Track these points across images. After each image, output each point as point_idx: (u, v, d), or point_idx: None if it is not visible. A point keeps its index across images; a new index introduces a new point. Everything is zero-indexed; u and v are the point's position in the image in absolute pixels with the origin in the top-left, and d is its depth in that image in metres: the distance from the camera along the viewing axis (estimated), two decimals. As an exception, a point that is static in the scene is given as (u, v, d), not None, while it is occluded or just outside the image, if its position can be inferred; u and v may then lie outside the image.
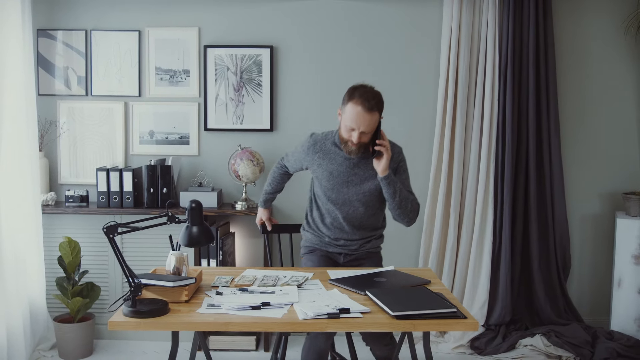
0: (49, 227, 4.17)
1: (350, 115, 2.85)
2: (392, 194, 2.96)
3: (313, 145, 3.08)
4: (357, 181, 3.02)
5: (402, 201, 2.98)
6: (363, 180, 3.02)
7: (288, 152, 3.31)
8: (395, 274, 2.92)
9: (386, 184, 2.94)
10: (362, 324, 2.30)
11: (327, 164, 3.03)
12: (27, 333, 3.85)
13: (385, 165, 2.90)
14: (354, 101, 2.85)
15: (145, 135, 4.39)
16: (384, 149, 2.90)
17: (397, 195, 2.96)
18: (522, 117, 4.30)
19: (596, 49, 4.39)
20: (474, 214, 4.31)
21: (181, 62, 4.34)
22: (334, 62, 4.37)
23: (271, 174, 3.41)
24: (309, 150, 3.08)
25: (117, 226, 2.40)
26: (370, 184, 3.02)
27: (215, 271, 3.03)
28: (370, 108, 2.84)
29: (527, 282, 4.40)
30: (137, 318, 2.31)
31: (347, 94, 2.92)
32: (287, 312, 2.37)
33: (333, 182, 3.03)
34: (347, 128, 2.88)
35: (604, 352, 3.90)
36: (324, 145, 3.07)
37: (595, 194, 4.48)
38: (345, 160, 3.01)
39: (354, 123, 2.85)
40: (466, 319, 2.31)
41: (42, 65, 4.34)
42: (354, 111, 2.83)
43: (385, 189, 2.96)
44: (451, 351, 4.10)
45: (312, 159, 3.07)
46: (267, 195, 3.44)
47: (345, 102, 2.90)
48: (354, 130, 2.86)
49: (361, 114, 2.83)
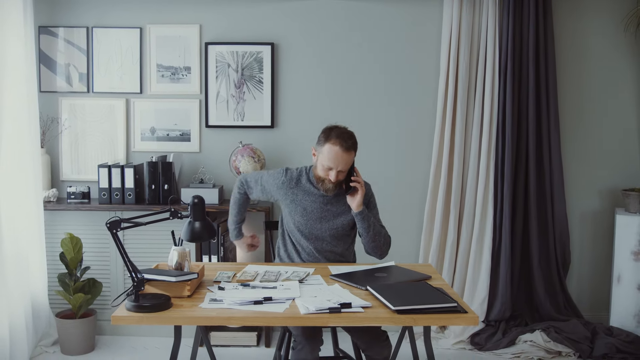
0: (50, 223, 4.18)
1: (329, 156, 2.93)
2: (367, 228, 3.04)
3: (288, 182, 3.11)
4: (329, 217, 3.10)
5: (375, 235, 3.06)
6: (336, 216, 3.10)
7: (249, 179, 3.23)
8: (396, 269, 2.94)
9: (361, 218, 3.03)
10: (364, 318, 2.32)
11: (301, 200, 3.09)
12: (29, 329, 3.87)
13: (360, 200, 3.01)
14: (331, 142, 2.93)
15: (146, 132, 4.40)
16: (359, 185, 3.00)
17: (371, 230, 3.05)
18: (522, 114, 4.31)
19: (596, 46, 4.40)
20: (474, 211, 4.32)
21: (182, 59, 4.35)
22: (334, 59, 4.38)
23: (235, 201, 3.28)
24: (283, 186, 3.11)
25: (120, 221, 2.41)
26: (342, 219, 3.10)
27: (217, 266, 3.05)
28: (347, 148, 2.93)
29: (526, 278, 4.41)
30: (140, 312, 2.32)
31: (322, 134, 3.00)
32: (288, 306, 2.39)
33: (307, 218, 3.09)
34: (325, 167, 2.97)
35: (604, 347, 3.92)
36: (299, 181, 3.12)
37: (594, 190, 4.49)
38: (319, 197, 3.08)
39: (332, 163, 2.93)
40: (467, 314, 2.33)
41: (44, 62, 4.35)
42: (332, 151, 2.92)
43: (360, 223, 3.04)
44: (451, 347, 4.12)
45: (286, 194, 3.11)
46: (238, 224, 3.32)
47: (322, 142, 2.98)
48: (332, 169, 2.95)
49: (339, 154, 2.92)
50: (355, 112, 4.39)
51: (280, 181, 3.11)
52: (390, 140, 4.42)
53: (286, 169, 3.15)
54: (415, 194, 4.44)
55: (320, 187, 3.04)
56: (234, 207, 3.30)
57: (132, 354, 4.00)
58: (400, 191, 4.44)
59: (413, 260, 4.44)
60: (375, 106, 4.41)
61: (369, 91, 4.40)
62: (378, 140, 4.41)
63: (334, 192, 3.03)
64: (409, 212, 4.44)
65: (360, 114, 4.40)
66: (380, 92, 4.40)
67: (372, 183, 3.26)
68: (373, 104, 4.40)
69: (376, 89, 4.40)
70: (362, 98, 4.40)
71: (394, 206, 4.39)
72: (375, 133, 4.41)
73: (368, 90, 4.40)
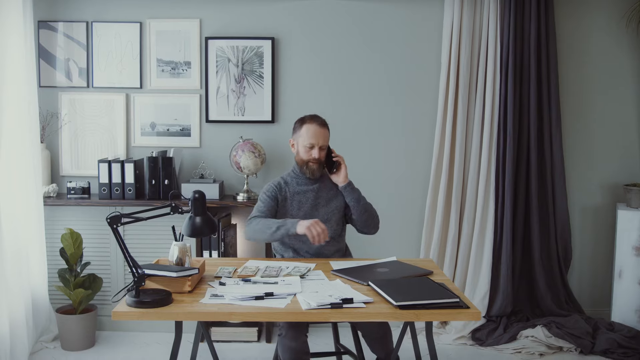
0: (50, 218, 4.17)
1: (308, 134, 3.14)
2: (357, 199, 3.19)
3: (278, 188, 3.20)
4: (323, 203, 3.22)
5: (367, 205, 3.21)
6: (328, 202, 3.22)
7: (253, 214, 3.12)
8: (397, 264, 2.93)
9: (350, 190, 3.20)
10: (365, 314, 2.31)
11: (292, 196, 3.20)
12: (30, 324, 3.86)
13: (345, 173, 3.20)
14: (307, 122, 3.17)
15: (146, 127, 4.38)
16: (341, 159, 3.22)
17: (362, 200, 3.20)
18: (524, 109, 4.30)
19: (597, 41, 4.38)
20: (475, 206, 4.31)
21: (182, 54, 4.34)
22: (335, 54, 4.36)
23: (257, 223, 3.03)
24: (275, 191, 3.19)
25: (121, 216, 2.40)
26: (335, 202, 3.23)
27: (218, 262, 3.04)
28: (322, 124, 3.18)
29: (528, 273, 4.40)
30: (140, 308, 2.31)
31: (296, 123, 3.23)
32: (290, 302, 2.38)
33: (304, 210, 3.18)
34: (306, 148, 3.15)
35: (605, 343, 3.91)
36: (286, 183, 3.23)
37: (596, 185, 4.48)
38: (309, 191, 3.21)
39: (313, 139, 3.13)
40: (469, 309, 2.32)
41: (43, 56, 4.33)
42: (311, 129, 3.15)
43: (350, 195, 3.19)
44: (452, 342, 4.11)
45: (282, 197, 3.19)
46: (278, 224, 2.98)
47: (299, 127, 3.20)
48: (314, 147, 3.14)
49: (317, 129, 3.15)
50: (356, 107, 4.38)
51: (272, 191, 3.19)
52: (391, 135, 4.41)
53: (268, 184, 3.25)
54: (417, 188, 4.44)
55: (307, 172, 3.17)
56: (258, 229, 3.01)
57: (133, 350, 3.99)
58: (401, 186, 4.43)
59: (414, 255, 4.43)
60: (376, 101, 4.39)
61: (370, 86, 4.38)
62: (379, 135, 4.40)
63: (319, 173, 3.18)
64: (410, 207, 4.43)
65: (361, 109, 4.38)
66: (381, 87, 4.38)
67: (373, 178, 3.29)
68: (374, 98, 4.39)
69: (377, 83, 4.38)
70: (363, 93, 4.39)
71: (395, 201, 4.38)
72: (376, 128, 4.40)
73: (369, 85, 4.38)
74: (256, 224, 3.03)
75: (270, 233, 2.96)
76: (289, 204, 3.18)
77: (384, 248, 4.14)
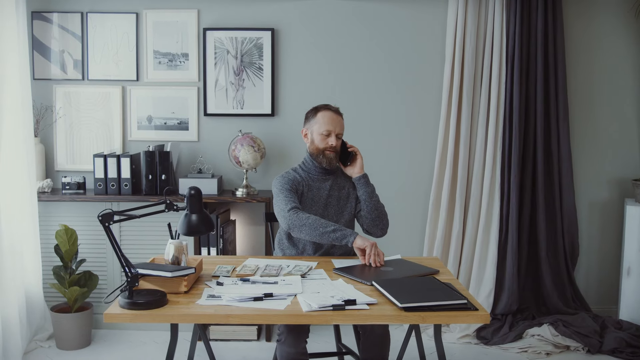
0: (45, 214, 4.08)
1: (324, 120, 3.04)
2: (370, 194, 3.09)
3: (294, 181, 3.05)
4: (334, 202, 3.11)
5: (378, 203, 3.10)
6: (339, 201, 3.13)
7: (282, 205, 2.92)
8: (402, 262, 2.84)
9: (364, 182, 3.10)
10: (369, 316, 2.21)
11: (307, 192, 3.08)
12: (24, 323, 3.79)
13: (361, 164, 3.12)
14: (322, 110, 3.08)
15: (143, 121, 4.29)
16: (356, 149, 3.14)
17: (374, 196, 3.10)
18: (530, 102, 4.21)
19: (606, 33, 4.29)
20: (480, 201, 4.23)
21: (180, 46, 4.24)
22: (337, 45, 4.27)
23: (307, 217, 2.83)
24: (295, 185, 3.04)
25: (113, 214, 2.30)
26: (347, 202, 3.14)
27: (216, 260, 2.95)
28: (337, 111, 3.10)
29: (534, 270, 4.32)
30: (133, 310, 2.22)
31: (310, 111, 3.12)
32: (290, 303, 2.29)
33: (315, 209, 3.06)
34: (322, 135, 3.04)
35: (613, 342, 3.83)
36: (298, 175, 3.10)
37: (604, 180, 4.40)
38: (322, 185, 3.10)
39: (329, 126, 3.03)
40: (477, 311, 2.22)
41: (37, 48, 4.23)
42: (326, 116, 3.05)
43: (364, 188, 3.09)
44: (457, 341, 4.02)
45: (299, 192, 3.05)
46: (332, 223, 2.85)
47: (313, 115, 3.09)
48: (330, 134, 3.04)
49: (333, 116, 3.06)
50: (359, 101, 4.29)
51: (291, 184, 3.02)
52: (394, 129, 4.32)
53: (281, 175, 3.10)
54: (420, 184, 4.35)
55: (323, 161, 3.06)
56: (314, 221, 2.82)
57: (130, 349, 3.91)
58: (404, 181, 4.35)
59: (418, 251, 4.34)
60: (378, 94, 4.30)
61: (372, 79, 4.29)
62: (382, 129, 4.31)
63: (336, 162, 3.08)
64: (414, 203, 4.35)
65: (364, 102, 4.29)
66: (384, 80, 4.29)
67: (377, 173, 3.20)
68: (377, 92, 4.30)
69: (380, 76, 4.29)
70: (366, 86, 4.29)
71: (398, 197, 4.30)
72: (378, 122, 4.31)
73: (372, 77, 4.29)
74: (307, 218, 2.81)
75: (321, 232, 2.78)
76: (304, 199, 3.05)
77: (387, 245, 4.03)
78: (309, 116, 3.11)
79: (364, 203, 3.08)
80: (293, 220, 2.83)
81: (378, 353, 2.83)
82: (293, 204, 2.92)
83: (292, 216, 2.84)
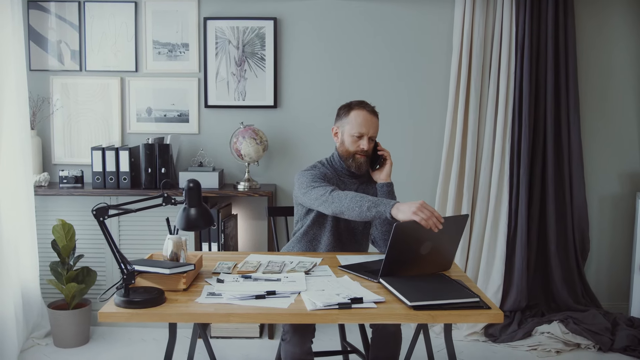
0: (41, 209, 4.00)
1: (357, 121, 2.84)
2: None
3: (325, 175, 2.86)
4: None
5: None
6: None
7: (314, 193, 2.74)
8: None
9: (386, 191, 2.88)
10: (376, 315, 2.11)
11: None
12: (20, 320, 3.73)
13: (390, 170, 2.91)
14: (356, 109, 2.86)
15: (142, 113, 4.20)
16: (387, 153, 2.92)
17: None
18: (540, 94, 4.12)
19: (617, 23, 4.19)
20: (489, 195, 4.15)
21: (180, 35, 4.14)
22: (340, 34, 4.18)
23: (345, 195, 2.62)
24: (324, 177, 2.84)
25: (108, 208, 2.20)
26: None
27: (216, 256, 2.85)
28: (373, 111, 2.88)
29: (543, 266, 4.24)
30: (129, 309, 2.12)
31: (342, 109, 2.91)
32: (293, 301, 2.18)
33: None
34: (354, 137, 2.85)
35: (625, 339, 3.75)
36: (329, 172, 2.91)
37: (615, 174, 4.31)
38: (349, 186, 2.93)
39: (362, 128, 2.83)
40: (490, 310, 2.12)
41: (34, 39, 4.14)
42: (360, 116, 2.84)
43: (386, 197, 2.85)
44: (464, 339, 3.94)
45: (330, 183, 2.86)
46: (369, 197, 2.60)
47: (346, 113, 2.88)
48: (363, 136, 2.84)
49: (367, 117, 2.85)
50: (363, 91, 4.19)
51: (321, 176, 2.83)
52: (400, 120, 4.23)
53: (308, 168, 2.91)
54: (427, 176, 4.27)
55: (352, 165, 2.87)
56: (350, 199, 2.59)
57: (129, 346, 3.83)
58: (411, 173, 4.27)
59: (423, 247, 4.25)
60: (384, 85, 4.21)
61: (377, 69, 4.20)
62: (387, 120, 4.21)
63: (366, 168, 2.90)
64: (420, 195, 4.26)
65: (369, 93, 4.19)
66: (389, 71, 4.20)
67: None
68: (382, 82, 4.21)
69: (385, 66, 4.20)
70: (370, 76, 4.21)
71: (404, 189, 4.20)
72: (384, 113, 4.19)
73: (376, 68, 4.20)
74: (345, 196, 2.58)
75: (360, 211, 2.53)
76: None
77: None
78: (341, 113, 2.91)
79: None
80: (332, 200, 2.63)
81: (389, 351, 2.73)
82: (332, 186, 2.73)
83: (330, 197, 2.64)
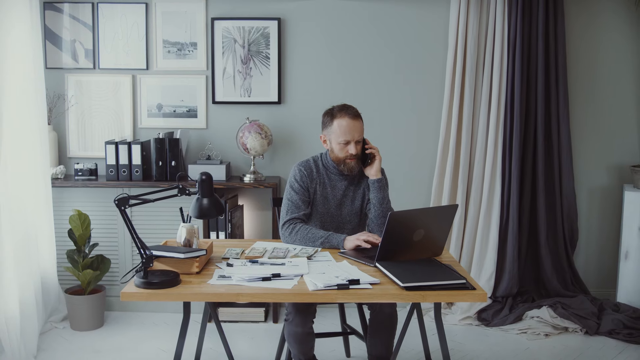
0: (58, 200, 4.18)
1: (341, 130, 2.95)
2: (381, 199, 3.02)
3: (309, 173, 3.04)
4: (349, 202, 3.10)
5: (388, 209, 3.02)
6: (353, 200, 3.11)
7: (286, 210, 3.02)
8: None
9: (378, 187, 3.02)
10: (372, 295, 2.32)
11: (322, 190, 3.07)
12: (39, 305, 3.89)
13: (379, 167, 3.03)
14: (338, 117, 2.96)
15: (153, 109, 4.38)
16: (375, 151, 3.03)
17: (385, 202, 3.02)
18: (531, 88, 4.27)
19: (606, 21, 4.33)
20: (482, 187, 4.30)
21: (188, 35, 4.32)
22: (341, 34, 4.33)
23: (296, 232, 2.94)
24: (307, 183, 3.03)
25: (129, 198, 2.41)
26: (361, 202, 3.11)
27: (225, 243, 3.05)
28: (355, 115, 2.97)
29: (534, 254, 4.40)
30: (148, 289, 2.33)
31: (325, 116, 3.02)
32: (297, 283, 2.40)
33: (327, 207, 3.08)
34: (341, 144, 2.97)
35: (610, 323, 3.93)
36: (316, 170, 3.08)
37: (603, 166, 4.46)
38: (339, 184, 3.08)
39: (347, 135, 2.94)
40: (475, 290, 2.33)
41: (50, 38, 4.32)
42: (343, 124, 2.94)
43: (376, 193, 3.02)
44: (458, 322, 4.12)
45: (312, 189, 3.05)
46: (323, 235, 2.92)
47: (329, 121, 2.99)
48: (349, 142, 2.96)
49: (350, 123, 2.94)
50: (363, 88, 4.36)
51: (304, 180, 3.03)
52: (398, 115, 4.40)
53: (298, 165, 3.08)
54: (423, 169, 4.43)
55: (344, 170, 3.02)
56: (301, 237, 2.93)
57: (141, 330, 4.03)
58: (407, 166, 4.42)
59: (420, 236, 4.42)
60: (382, 81, 4.37)
61: (376, 66, 4.36)
62: (385, 115, 4.38)
63: (358, 168, 3.03)
64: (417, 188, 4.43)
65: (368, 89, 4.36)
66: (389, 67, 4.36)
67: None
68: (381, 79, 4.37)
69: (384, 64, 4.36)
70: (370, 73, 4.36)
71: (401, 182, 4.37)
72: (382, 108, 4.38)
73: (375, 65, 4.36)
74: (296, 234, 2.91)
75: (312, 247, 2.88)
76: (317, 196, 3.06)
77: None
78: (325, 122, 3.02)
79: (373, 207, 3.03)
80: (286, 239, 2.96)
81: (385, 332, 2.93)
82: (291, 214, 2.97)
83: (285, 233, 2.96)
